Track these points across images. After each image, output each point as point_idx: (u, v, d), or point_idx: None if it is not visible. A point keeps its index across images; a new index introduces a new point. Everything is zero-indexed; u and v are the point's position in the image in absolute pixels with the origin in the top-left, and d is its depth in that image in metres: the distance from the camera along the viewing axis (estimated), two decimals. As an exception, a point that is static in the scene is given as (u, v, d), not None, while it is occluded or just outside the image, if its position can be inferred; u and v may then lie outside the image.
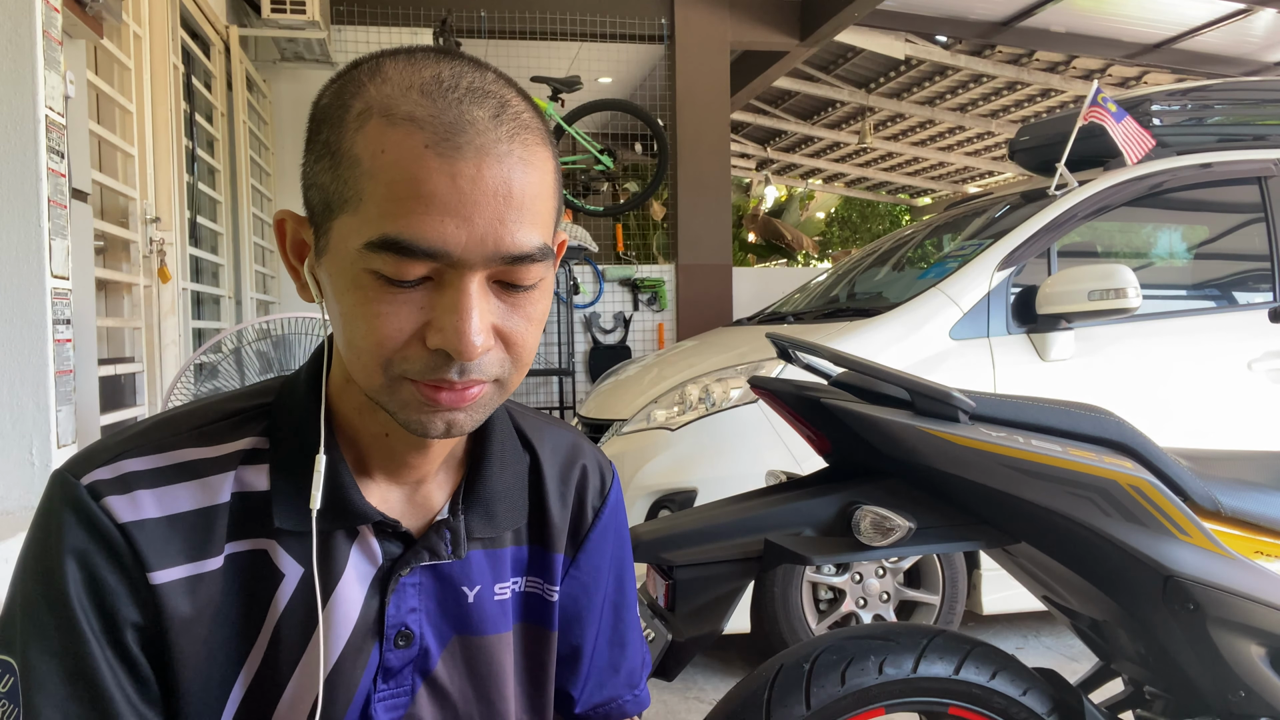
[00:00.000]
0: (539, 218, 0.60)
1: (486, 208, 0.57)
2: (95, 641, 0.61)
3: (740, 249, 12.53)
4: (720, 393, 2.81)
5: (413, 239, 0.56)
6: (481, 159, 0.57)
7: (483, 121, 0.58)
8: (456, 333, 0.58)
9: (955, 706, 1.24)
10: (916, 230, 4.04)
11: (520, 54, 5.68)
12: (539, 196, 0.60)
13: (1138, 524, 1.19)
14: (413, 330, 0.59)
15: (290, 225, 0.66)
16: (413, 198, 0.56)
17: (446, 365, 0.59)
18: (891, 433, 1.22)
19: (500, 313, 0.61)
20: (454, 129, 0.57)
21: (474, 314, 0.58)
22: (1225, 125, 3.35)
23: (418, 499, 0.72)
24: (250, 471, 0.67)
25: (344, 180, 0.59)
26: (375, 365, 0.60)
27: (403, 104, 0.58)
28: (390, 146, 0.57)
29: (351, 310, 0.60)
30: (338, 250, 0.60)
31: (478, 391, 0.62)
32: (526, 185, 0.59)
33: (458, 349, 0.58)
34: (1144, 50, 7.08)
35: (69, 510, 0.62)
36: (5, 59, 1.86)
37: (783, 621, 2.68)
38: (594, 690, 0.83)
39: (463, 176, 0.56)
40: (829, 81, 8.77)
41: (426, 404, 0.61)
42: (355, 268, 0.59)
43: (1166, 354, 2.94)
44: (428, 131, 0.57)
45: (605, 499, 0.82)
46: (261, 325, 2.88)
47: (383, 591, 0.69)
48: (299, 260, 0.66)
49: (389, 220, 0.57)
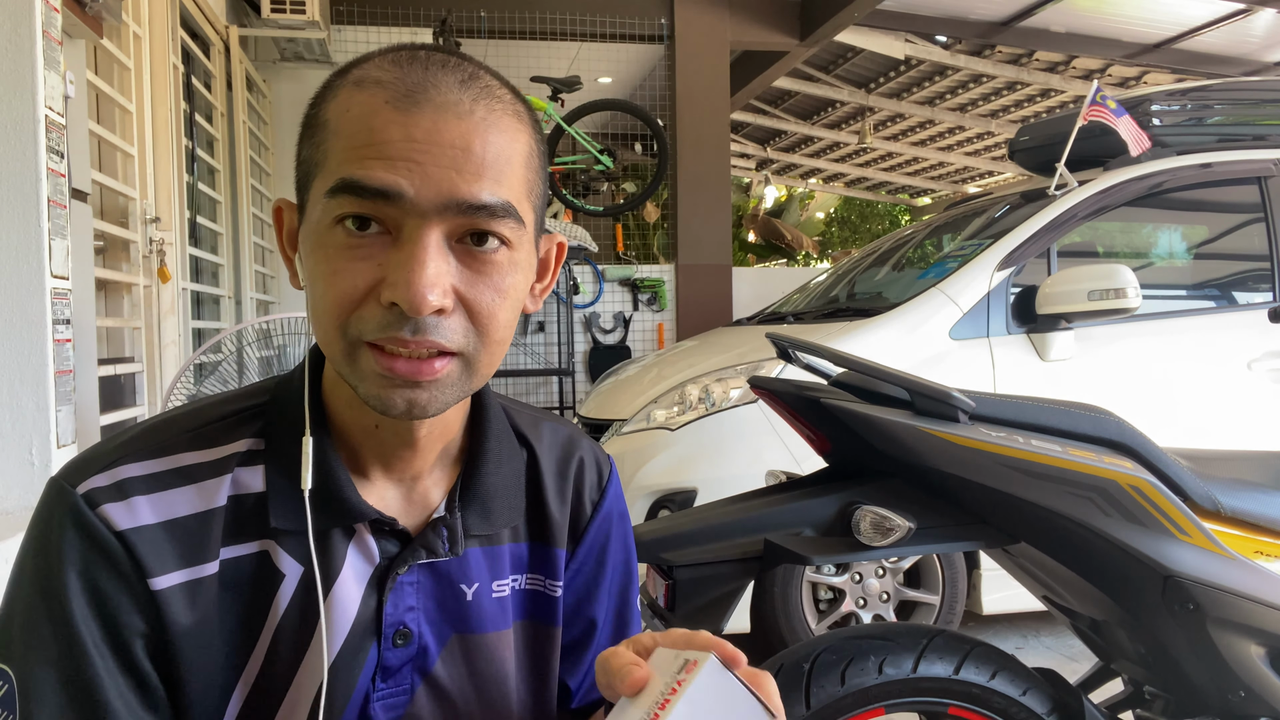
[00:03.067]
0: (503, 177, 0.60)
1: (442, 156, 0.58)
2: (95, 651, 0.60)
3: (740, 249, 12.53)
4: (720, 393, 2.81)
5: (364, 178, 0.57)
6: (439, 114, 0.58)
7: (447, 84, 0.59)
8: (407, 284, 0.57)
9: (955, 706, 1.24)
10: (916, 230, 4.03)
11: (520, 54, 5.67)
12: (504, 158, 0.60)
13: (1138, 524, 1.19)
14: (367, 287, 0.59)
15: (286, 213, 0.68)
16: (368, 144, 0.58)
17: (400, 322, 0.58)
18: (891, 433, 1.22)
19: (462, 277, 0.60)
20: (416, 87, 0.59)
21: (428, 265, 0.58)
22: (1225, 125, 3.34)
23: (414, 497, 0.72)
24: (247, 473, 0.67)
25: (316, 145, 0.62)
26: (334, 327, 0.60)
27: (373, 71, 0.61)
28: (354, 105, 0.60)
29: (313, 271, 0.61)
30: (310, 216, 0.62)
31: (440, 366, 0.61)
32: (489, 145, 0.59)
33: (407, 299, 0.57)
34: (1144, 50, 7.08)
35: (66, 519, 0.61)
36: (5, 59, 1.86)
37: (783, 621, 2.68)
38: (594, 687, 0.83)
39: (418, 128, 0.58)
40: (829, 81, 8.77)
41: (384, 375, 0.60)
42: (321, 225, 0.60)
43: (1166, 354, 2.94)
44: (389, 90, 0.59)
45: (604, 492, 0.82)
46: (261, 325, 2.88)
47: (380, 590, 0.69)
48: (293, 248, 0.68)
49: (345, 166, 0.58)
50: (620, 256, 6.33)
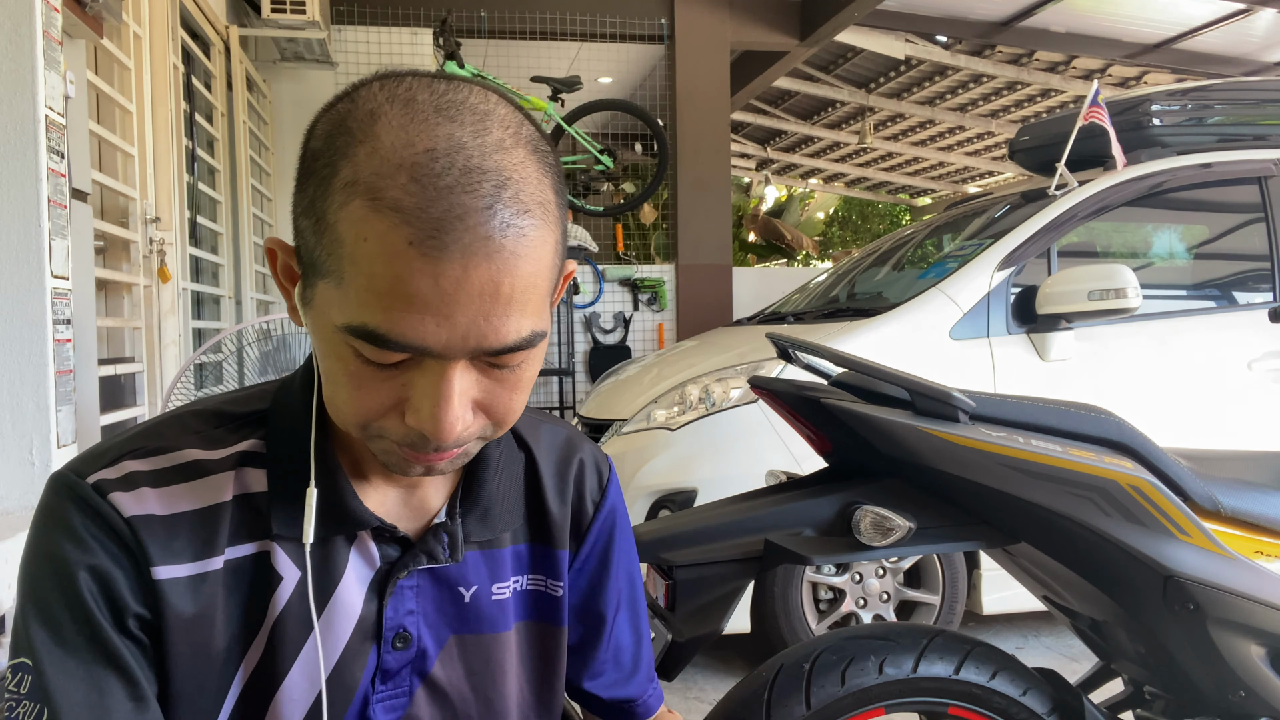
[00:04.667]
0: (529, 306, 0.57)
1: (470, 306, 0.54)
2: (111, 630, 0.61)
3: (740, 249, 12.53)
4: (720, 393, 2.81)
5: (389, 333, 0.54)
6: (468, 259, 0.53)
7: (474, 215, 0.53)
8: (433, 419, 0.57)
9: (955, 706, 1.24)
10: (916, 230, 4.03)
11: (520, 54, 5.68)
12: (531, 287, 0.57)
13: (1138, 524, 1.19)
14: (391, 404, 0.59)
15: (280, 255, 0.64)
16: (392, 294, 0.53)
17: (424, 441, 0.59)
18: (891, 433, 1.22)
19: (483, 388, 0.60)
20: (440, 226, 0.53)
21: (453, 401, 0.57)
22: (1225, 125, 3.34)
23: (414, 502, 0.72)
24: (250, 474, 0.67)
25: (327, 251, 0.56)
26: (354, 426, 0.61)
27: (389, 189, 0.53)
28: (373, 236, 0.53)
29: (331, 373, 0.60)
30: (320, 313, 0.58)
31: (459, 450, 0.63)
32: (517, 280, 0.55)
33: (434, 434, 0.58)
34: (1144, 50, 7.08)
35: (75, 505, 0.62)
36: (5, 59, 1.86)
37: (783, 621, 2.68)
38: (612, 686, 0.84)
39: (446, 278, 0.53)
40: (829, 81, 8.77)
41: (405, 460, 0.62)
42: (335, 338, 0.57)
43: (1166, 354, 2.94)
44: (413, 227, 0.53)
45: (604, 493, 0.82)
46: (261, 325, 2.88)
47: (381, 594, 0.69)
48: (290, 284, 0.64)
49: (368, 311, 0.54)
50: (620, 256, 6.33)
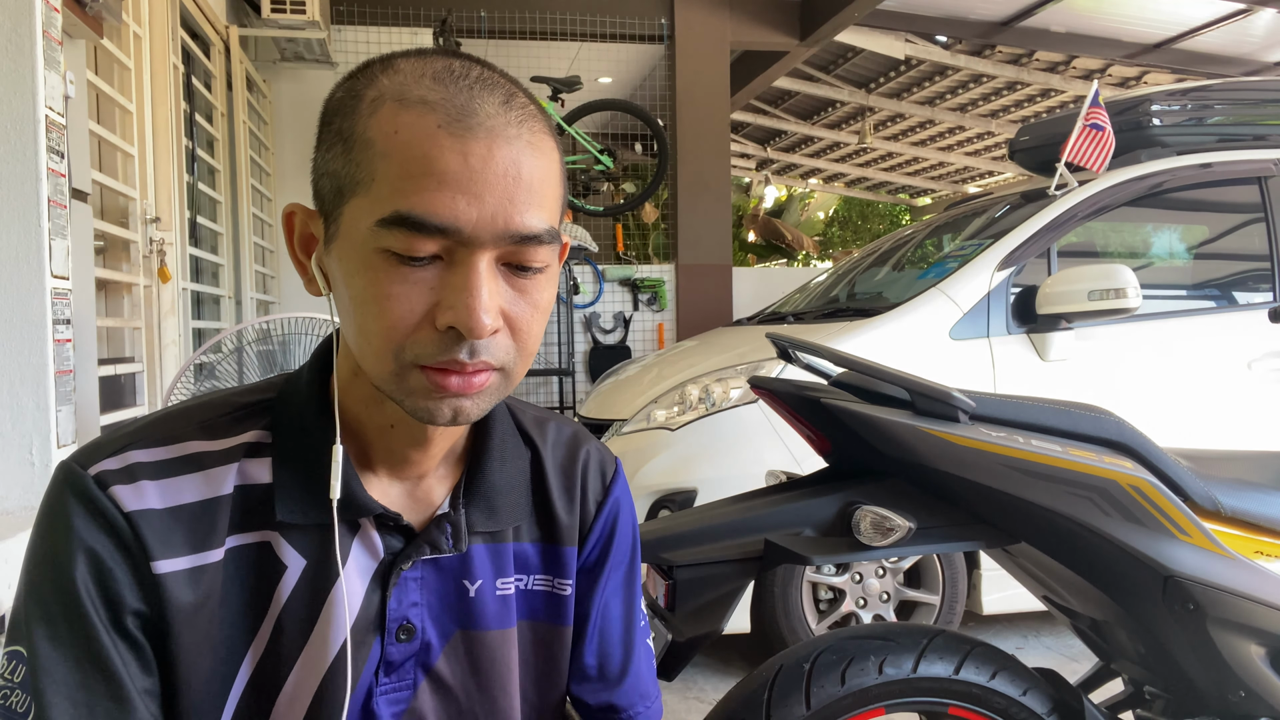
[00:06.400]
0: (546, 201, 0.62)
1: (497, 186, 0.59)
2: (104, 628, 0.61)
3: (740, 249, 12.52)
4: (720, 393, 2.81)
5: (425, 214, 0.58)
6: (492, 140, 0.59)
7: (492, 105, 0.60)
8: (467, 309, 0.59)
9: (955, 706, 1.24)
10: (916, 230, 4.03)
11: (520, 54, 5.67)
12: (546, 181, 0.62)
13: (1138, 524, 1.19)
14: (423, 311, 0.60)
15: (300, 218, 0.67)
16: (425, 174, 0.58)
17: (457, 345, 0.60)
18: (891, 433, 1.22)
19: (508, 297, 0.62)
20: (465, 111, 0.59)
21: (484, 290, 0.59)
22: (1225, 125, 3.34)
23: (419, 493, 0.73)
24: (253, 465, 0.68)
25: (356, 163, 0.60)
26: (386, 351, 0.61)
27: (415, 89, 0.60)
28: (403, 127, 0.59)
29: (362, 293, 0.61)
30: (349, 233, 0.61)
31: (485, 379, 0.63)
32: (535, 169, 0.61)
33: (469, 325, 0.59)
34: (1144, 50, 7.08)
35: (76, 499, 0.63)
36: (5, 59, 1.86)
37: (783, 621, 2.68)
38: (597, 691, 0.82)
39: (474, 155, 0.58)
40: (829, 81, 8.77)
41: (435, 390, 0.62)
42: (366, 248, 0.60)
43: (1166, 354, 2.94)
44: (440, 113, 0.59)
45: (609, 491, 0.82)
46: (261, 325, 2.87)
47: (384, 585, 0.69)
48: (306, 255, 0.67)
49: (402, 197, 0.58)
50: (620, 256, 6.33)
